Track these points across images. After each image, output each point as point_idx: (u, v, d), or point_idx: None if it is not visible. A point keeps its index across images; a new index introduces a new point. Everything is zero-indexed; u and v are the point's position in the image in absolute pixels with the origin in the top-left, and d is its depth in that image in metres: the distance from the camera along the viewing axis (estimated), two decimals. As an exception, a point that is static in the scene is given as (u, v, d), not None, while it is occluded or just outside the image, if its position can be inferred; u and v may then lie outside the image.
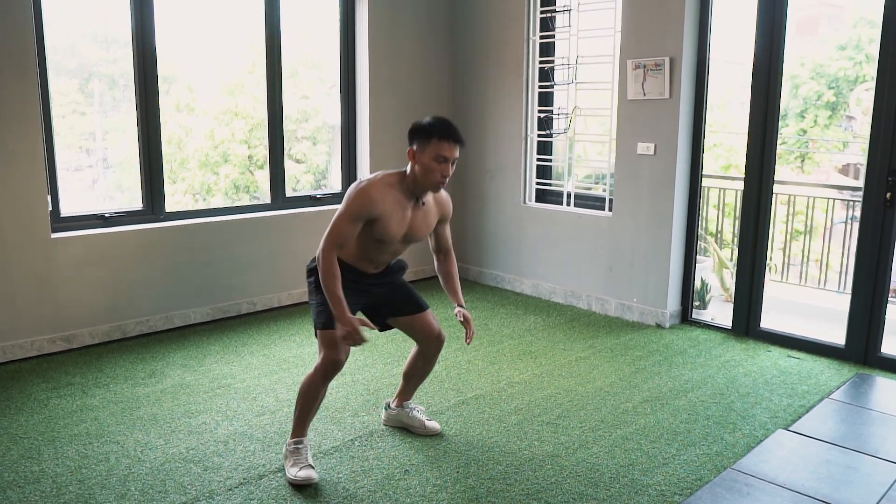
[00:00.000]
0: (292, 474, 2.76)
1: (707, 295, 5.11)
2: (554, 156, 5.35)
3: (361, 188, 2.71)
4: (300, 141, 5.45)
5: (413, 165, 2.75)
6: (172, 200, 4.86)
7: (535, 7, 5.15)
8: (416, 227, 2.85)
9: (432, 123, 2.73)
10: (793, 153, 8.16)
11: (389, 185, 2.74)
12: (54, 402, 3.48)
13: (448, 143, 2.69)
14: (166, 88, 4.80)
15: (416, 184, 2.76)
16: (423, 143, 2.71)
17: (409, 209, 2.80)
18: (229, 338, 4.41)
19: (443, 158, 2.69)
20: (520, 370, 3.92)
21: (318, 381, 2.76)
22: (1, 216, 3.89)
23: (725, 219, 6.30)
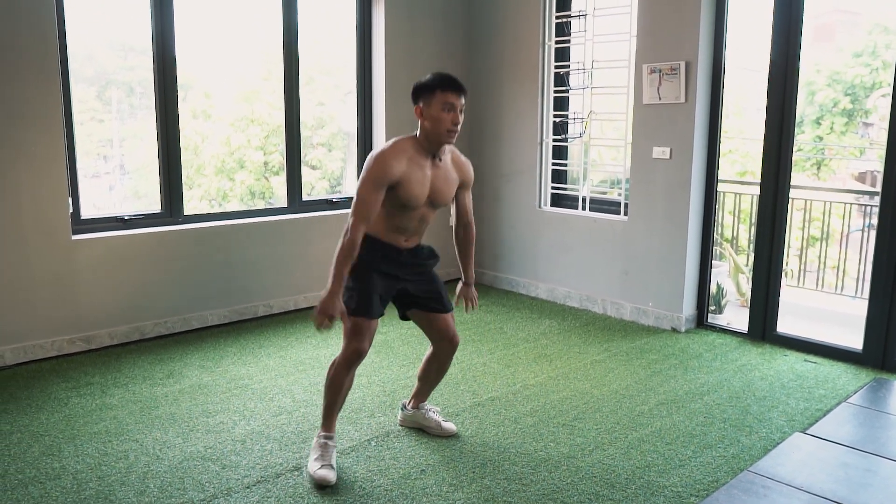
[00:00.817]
0: (312, 469, 2.81)
1: (723, 299, 5.09)
2: (569, 160, 5.36)
3: (377, 155, 2.75)
4: (315, 147, 5.50)
5: (422, 122, 2.79)
6: (189, 206, 4.89)
7: (550, 12, 5.17)
8: (439, 188, 2.86)
9: (433, 77, 2.78)
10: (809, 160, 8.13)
11: (403, 149, 2.78)
12: (74, 401, 3.52)
13: (451, 90, 2.75)
14: (183, 95, 4.82)
15: (428, 140, 2.80)
16: (427, 97, 2.76)
17: (428, 168, 2.82)
18: (246, 339, 4.44)
19: (449, 106, 2.74)
20: (535, 373, 3.92)
21: (342, 370, 2.82)
22: (23, 218, 3.95)
23: (741, 224, 6.29)
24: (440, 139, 2.79)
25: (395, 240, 2.89)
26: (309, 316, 2.82)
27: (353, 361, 2.81)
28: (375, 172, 2.71)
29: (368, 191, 2.71)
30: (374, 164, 2.73)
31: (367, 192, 2.71)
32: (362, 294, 2.80)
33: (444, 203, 2.92)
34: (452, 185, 2.95)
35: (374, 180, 2.71)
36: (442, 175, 2.88)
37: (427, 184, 2.81)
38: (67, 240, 4.10)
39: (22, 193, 3.93)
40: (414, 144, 2.81)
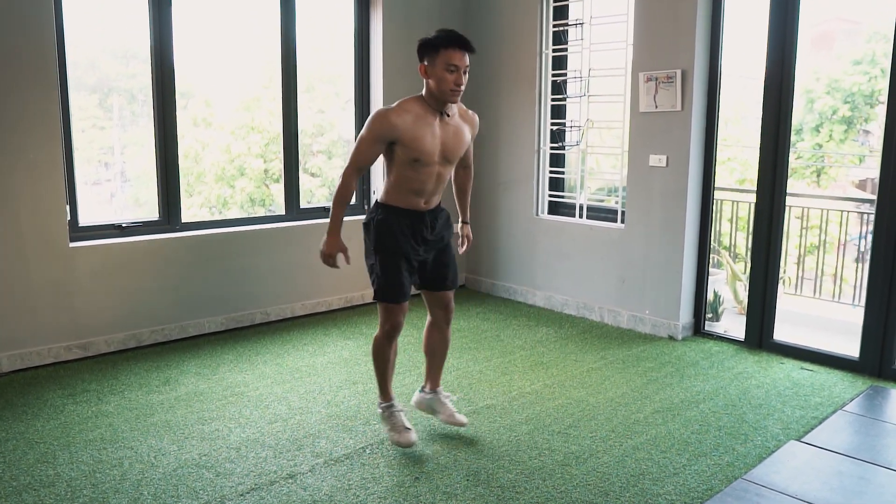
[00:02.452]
0: (394, 440, 3.06)
1: (720, 307, 5.10)
2: (566, 168, 5.37)
3: (379, 112, 2.84)
4: (315, 155, 5.51)
5: (427, 81, 2.84)
6: (189, 213, 4.92)
7: (547, 21, 5.20)
8: (450, 143, 2.92)
9: (438, 35, 2.82)
10: (809, 168, 8.13)
11: (407, 108, 2.84)
12: (70, 409, 3.52)
13: (456, 50, 2.77)
14: (184, 103, 4.88)
15: (433, 98, 2.85)
16: (432, 56, 2.80)
17: (436, 125, 2.88)
18: (243, 347, 4.44)
19: (453, 67, 2.77)
20: (531, 380, 3.92)
21: (383, 341, 3.04)
22: (21, 225, 3.96)
23: (739, 232, 6.29)
24: (444, 97, 2.84)
25: (416, 203, 2.97)
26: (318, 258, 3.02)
27: (392, 335, 3.03)
28: (375, 127, 2.82)
29: (365, 145, 2.85)
30: (375, 118, 2.83)
31: (364, 146, 2.85)
32: (389, 279, 2.95)
33: (458, 157, 3.01)
34: (464, 139, 3.01)
35: (373, 135, 2.82)
36: (452, 130, 2.94)
37: (437, 141, 2.88)
38: (65, 247, 4.11)
39: (20, 201, 3.94)
40: (420, 103, 2.87)
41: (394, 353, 3.10)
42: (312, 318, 5.05)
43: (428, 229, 3.01)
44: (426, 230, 3.01)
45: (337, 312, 5.21)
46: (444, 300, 3.20)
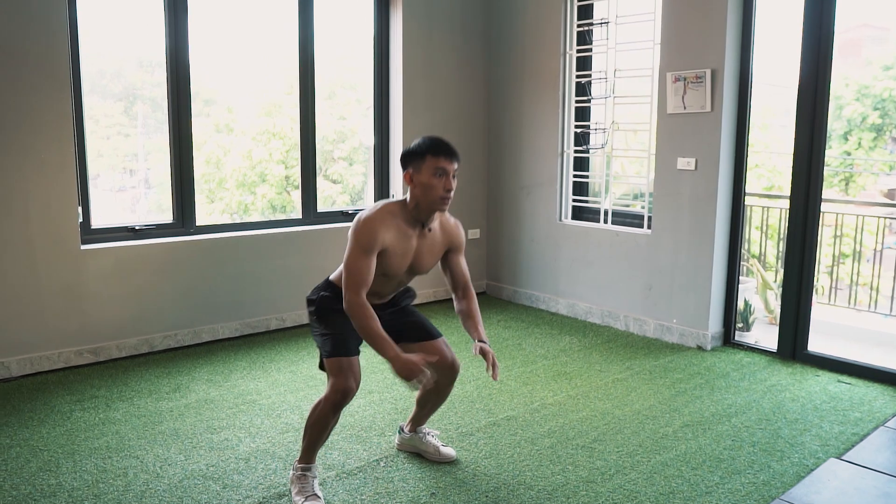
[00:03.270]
0: (298, 503, 2.62)
1: (750, 316, 4.91)
2: (591, 172, 5.21)
3: (365, 220, 2.57)
4: (336, 161, 5.42)
5: (413, 190, 2.61)
6: (210, 219, 4.87)
7: (571, 20, 5.05)
8: (422, 258, 2.70)
9: (422, 143, 2.61)
10: (837, 175, 7.91)
11: (392, 214, 2.61)
12: (77, 415, 3.42)
13: (442, 157, 2.57)
14: (207, 110, 4.89)
15: (418, 208, 2.62)
16: (417, 163, 2.58)
17: (414, 238, 2.66)
18: (257, 353, 4.33)
19: (441, 171, 2.56)
20: (554, 391, 3.76)
21: (328, 410, 2.58)
22: (31, 226, 3.88)
23: (769, 240, 6.09)
24: (432, 207, 2.60)
25: (370, 300, 2.65)
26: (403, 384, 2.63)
27: (340, 401, 2.57)
28: (364, 238, 2.54)
29: (358, 258, 2.54)
30: (363, 228, 2.55)
31: (359, 261, 2.54)
32: (335, 334, 2.64)
33: (423, 272, 2.76)
34: (436, 254, 2.77)
35: (364, 246, 2.54)
36: (427, 244, 2.71)
37: (410, 255, 2.66)
38: (76, 249, 4.03)
39: (30, 202, 3.86)
40: (402, 211, 2.63)
41: (335, 423, 2.66)
42: (328, 325, 4.92)
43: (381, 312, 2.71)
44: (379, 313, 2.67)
45: (354, 319, 5.07)
46: (444, 356, 2.79)
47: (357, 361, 2.64)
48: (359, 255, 2.53)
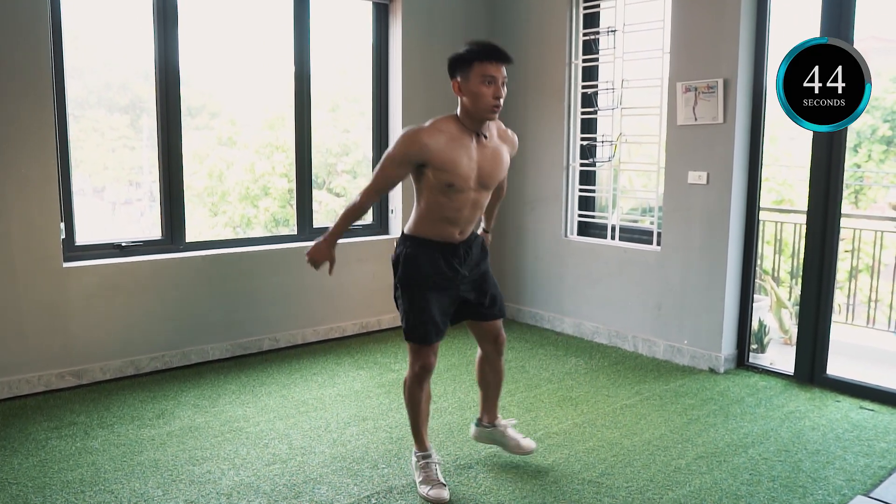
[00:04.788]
0: (423, 492, 2.73)
1: (765, 337, 4.68)
2: (597, 186, 5.01)
3: (409, 132, 2.56)
4: (340, 174, 5.27)
5: (462, 98, 2.59)
6: (213, 233, 4.79)
7: (577, 29, 4.87)
8: (488, 166, 2.64)
9: (470, 48, 2.56)
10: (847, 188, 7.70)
11: (441, 129, 2.58)
12: (53, 444, 3.22)
13: (491, 62, 2.52)
14: (211, 123, 4.84)
15: (469, 117, 2.59)
16: (465, 71, 2.54)
17: (473, 147, 2.61)
18: (247, 376, 4.13)
19: (490, 78, 2.51)
20: (559, 419, 3.55)
21: (415, 386, 2.75)
22: (12, 243, 3.70)
23: (781, 256, 5.87)
24: (482, 115, 2.57)
25: (449, 234, 2.67)
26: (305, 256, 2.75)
27: (422, 377, 2.73)
28: (403, 148, 2.55)
29: (391, 166, 2.59)
30: (405, 137, 2.56)
31: (390, 168, 2.59)
32: (418, 319, 2.66)
33: (496, 182, 2.72)
34: (503, 162, 2.73)
35: (400, 156, 2.56)
36: (490, 153, 2.66)
37: (474, 164, 2.60)
38: (58, 267, 3.85)
39: (10, 217, 3.69)
40: (455, 123, 2.61)
41: (427, 397, 2.80)
42: (324, 346, 4.73)
43: (462, 263, 2.73)
44: (461, 264, 2.72)
45: (351, 339, 4.88)
46: (492, 331, 2.90)
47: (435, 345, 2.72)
48: (391, 163, 2.58)
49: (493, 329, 2.90)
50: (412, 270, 2.67)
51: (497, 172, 2.69)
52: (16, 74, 3.62)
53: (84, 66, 4.23)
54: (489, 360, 2.97)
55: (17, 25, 3.60)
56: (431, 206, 2.63)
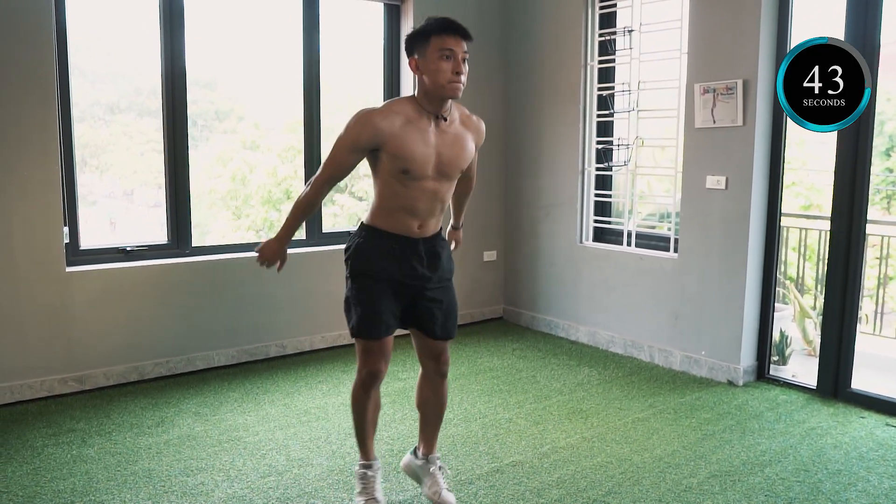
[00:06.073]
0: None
1: (787, 348, 4.51)
2: (614, 191, 4.87)
3: (361, 114, 2.39)
4: (361, 178, 5.21)
5: (420, 78, 2.40)
6: (236, 236, 4.79)
7: (593, 29, 4.74)
8: (447, 153, 2.45)
9: (427, 23, 2.39)
10: (878, 193, 7.46)
11: (396, 110, 2.40)
12: (49, 451, 3.17)
13: (449, 35, 2.35)
14: (234, 127, 4.84)
15: (428, 97, 2.40)
16: (422, 47, 2.37)
17: (431, 131, 2.42)
18: (252, 383, 4.06)
19: (448, 52, 2.34)
20: (567, 432, 3.42)
21: (359, 391, 2.58)
22: (14, 247, 3.67)
23: (806, 262, 5.68)
24: (441, 93, 2.37)
25: (407, 226, 2.48)
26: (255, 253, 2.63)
27: (369, 384, 2.55)
28: (355, 131, 2.38)
29: (343, 151, 2.41)
30: (355, 121, 2.39)
31: (342, 153, 2.41)
32: (365, 310, 2.45)
33: (458, 171, 2.51)
34: (466, 149, 2.52)
35: (351, 139, 2.38)
36: (450, 138, 2.46)
37: (431, 150, 2.41)
38: (61, 271, 3.81)
39: (12, 221, 3.66)
40: (413, 105, 2.42)
41: (374, 405, 2.61)
42: (332, 352, 4.65)
43: (422, 262, 2.52)
44: (419, 263, 2.51)
45: (360, 346, 4.79)
46: (436, 349, 2.64)
47: (387, 341, 2.51)
48: (344, 148, 2.40)
49: (437, 347, 2.64)
50: (364, 261, 2.50)
51: (458, 160, 2.48)
52: (19, 77, 3.59)
53: (116, 71, 4.26)
54: (430, 381, 2.71)
55: (21, 28, 3.57)
56: (387, 195, 2.46)
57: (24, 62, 3.59)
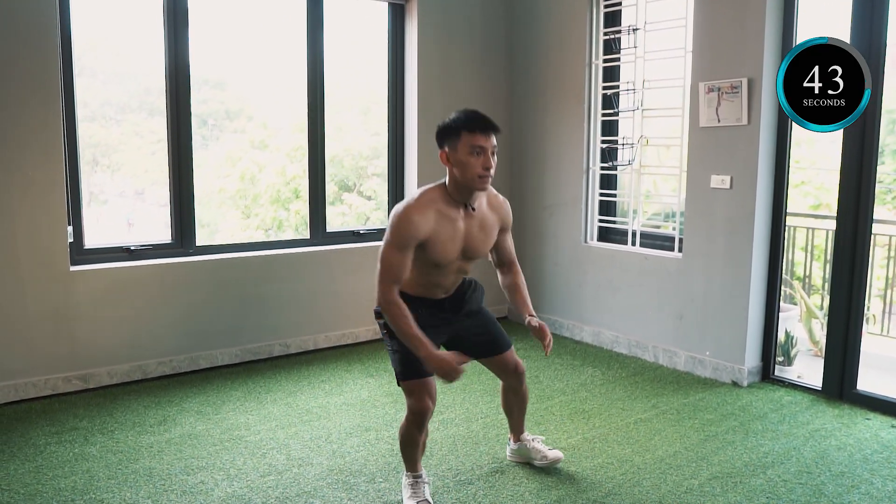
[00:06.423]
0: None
1: (792, 349, 4.47)
2: (618, 190, 4.85)
3: (401, 213, 2.46)
4: (370, 178, 5.21)
5: (450, 169, 2.50)
6: (244, 235, 4.81)
7: (598, 28, 4.72)
8: (474, 239, 2.57)
9: (457, 117, 2.48)
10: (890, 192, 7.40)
11: (431, 201, 2.49)
12: (51, 449, 3.18)
13: (480, 132, 2.43)
14: (243, 126, 4.86)
15: (458, 188, 2.50)
16: (453, 141, 2.46)
17: (461, 220, 2.53)
18: (255, 382, 4.06)
19: (478, 149, 2.43)
20: (569, 433, 3.41)
21: (413, 430, 2.60)
22: (18, 246, 3.69)
23: (815, 262, 5.64)
24: (471, 186, 2.48)
25: (433, 293, 2.62)
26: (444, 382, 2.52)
27: (420, 421, 2.58)
28: (400, 232, 2.44)
29: (393, 254, 2.44)
30: (399, 222, 2.44)
31: (393, 256, 2.44)
32: (406, 353, 2.51)
33: (483, 254, 2.64)
34: (491, 233, 2.64)
35: (400, 242, 2.44)
36: (477, 224, 2.59)
37: (459, 238, 2.54)
38: (65, 270, 3.82)
39: (17, 221, 3.67)
40: (443, 194, 2.52)
41: (424, 436, 2.70)
42: (336, 352, 4.65)
43: (447, 310, 2.69)
44: (448, 314, 2.70)
45: (363, 346, 4.79)
46: (507, 364, 2.84)
47: (431, 380, 2.58)
48: (393, 250, 2.44)
49: (509, 360, 2.83)
50: None
51: (484, 245, 2.63)
52: (23, 77, 3.60)
53: (126, 70, 4.28)
54: (513, 388, 2.93)
55: (24, 29, 3.58)
56: (415, 273, 2.55)
57: (27, 62, 3.60)
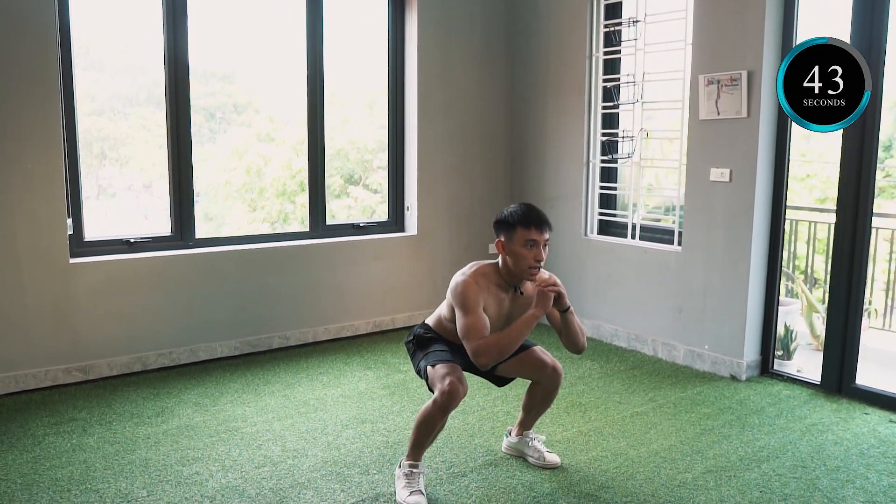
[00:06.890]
0: (402, 498, 2.65)
1: (792, 343, 4.46)
2: (619, 183, 4.84)
3: (463, 281, 2.63)
4: (376, 171, 5.22)
5: (504, 256, 2.68)
6: (251, 228, 4.84)
7: (598, 20, 4.70)
8: (517, 317, 2.68)
9: (514, 212, 2.68)
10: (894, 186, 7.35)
11: (484, 276, 2.68)
12: (49, 440, 3.21)
13: (534, 228, 2.62)
14: (249, 120, 4.88)
15: (510, 273, 2.69)
16: (509, 233, 2.65)
17: (507, 301, 2.72)
18: (253, 374, 4.08)
19: (532, 242, 2.62)
20: (564, 426, 3.41)
21: (436, 413, 2.59)
22: (17, 239, 3.71)
23: (817, 255, 5.61)
24: (522, 275, 2.68)
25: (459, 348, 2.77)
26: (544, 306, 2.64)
27: (448, 405, 2.57)
28: (469, 296, 2.60)
29: (471, 318, 2.57)
30: (464, 289, 2.61)
31: (469, 319, 2.57)
32: (435, 351, 2.73)
33: None
34: None
35: (471, 304, 2.59)
36: (521, 307, 2.73)
37: (503, 316, 2.71)
38: (65, 263, 3.84)
39: (17, 213, 3.69)
40: (496, 274, 2.71)
41: (442, 425, 2.72)
42: (335, 344, 4.66)
43: None
44: None
45: (363, 338, 4.81)
46: (540, 362, 2.87)
47: (460, 369, 2.66)
48: (470, 315, 2.57)
49: (537, 361, 2.86)
50: (428, 339, 2.80)
51: None
52: (22, 72, 3.61)
53: (133, 64, 4.29)
54: (545, 390, 2.92)
55: (23, 23, 3.59)
56: (453, 330, 2.71)
57: (26, 57, 3.61)
